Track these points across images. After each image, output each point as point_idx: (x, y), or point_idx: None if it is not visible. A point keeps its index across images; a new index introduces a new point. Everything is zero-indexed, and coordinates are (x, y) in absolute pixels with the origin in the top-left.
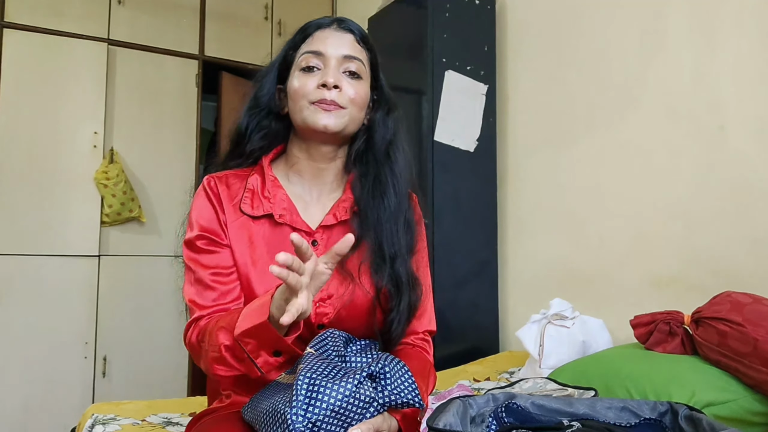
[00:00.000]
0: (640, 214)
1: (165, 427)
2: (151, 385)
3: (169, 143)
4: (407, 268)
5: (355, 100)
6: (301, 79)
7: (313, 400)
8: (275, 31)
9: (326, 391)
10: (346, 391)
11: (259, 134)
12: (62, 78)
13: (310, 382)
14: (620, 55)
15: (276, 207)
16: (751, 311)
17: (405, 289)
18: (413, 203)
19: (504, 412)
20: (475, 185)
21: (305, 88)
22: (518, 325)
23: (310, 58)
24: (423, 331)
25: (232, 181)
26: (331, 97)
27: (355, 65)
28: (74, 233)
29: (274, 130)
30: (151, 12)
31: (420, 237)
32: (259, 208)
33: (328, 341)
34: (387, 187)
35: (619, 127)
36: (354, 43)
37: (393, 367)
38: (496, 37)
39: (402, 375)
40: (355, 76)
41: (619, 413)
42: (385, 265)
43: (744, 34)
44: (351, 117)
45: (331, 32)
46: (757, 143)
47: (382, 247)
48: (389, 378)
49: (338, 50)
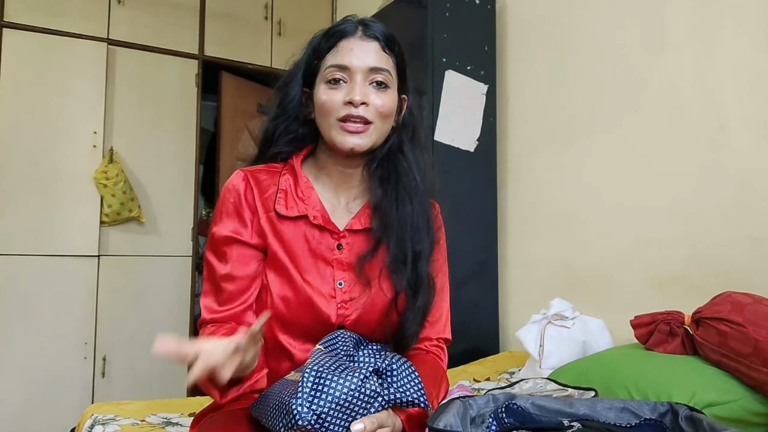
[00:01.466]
0: (640, 214)
1: (165, 427)
2: (150, 385)
3: (168, 143)
4: (425, 271)
5: (383, 111)
6: (328, 93)
7: (319, 392)
8: (275, 31)
9: (332, 384)
10: (351, 385)
11: (287, 138)
12: (62, 78)
13: (317, 375)
14: (621, 55)
15: (310, 208)
16: (751, 312)
17: (421, 292)
18: (435, 211)
19: (504, 412)
20: (476, 185)
21: (332, 103)
22: (518, 325)
23: (336, 72)
24: (437, 338)
25: (263, 177)
26: (358, 113)
27: (381, 76)
28: (74, 233)
29: (301, 135)
30: (151, 12)
31: (439, 244)
32: (293, 208)
33: (338, 340)
34: (409, 187)
35: (620, 127)
36: (380, 52)
37: (400, 366)
38: (496, 36)
39: (409, 374)
40: (382, 87)
41: (620, 414)
42: (405, 267)
43: (744, 33)
44: (378, 132)
45: (356, 42)
46: (758, 143)
47: (403, 248)
48: (396, 376)
49: (364, 62)
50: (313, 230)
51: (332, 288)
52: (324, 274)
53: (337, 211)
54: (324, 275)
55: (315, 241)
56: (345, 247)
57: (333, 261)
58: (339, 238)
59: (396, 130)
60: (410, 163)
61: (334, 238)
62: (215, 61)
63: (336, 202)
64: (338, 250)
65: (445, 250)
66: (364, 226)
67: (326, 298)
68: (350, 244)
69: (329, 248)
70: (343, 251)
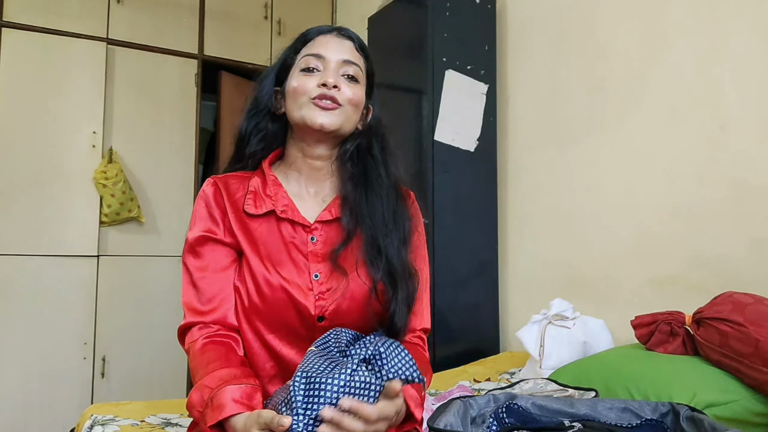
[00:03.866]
0: (641, 213)
1: (164, 427)
2: (150, 385)
3: (168, 143)
4: (402, 259)
5: (353, 100)
6: (301, 78)
7: (313, 398)
8: (275, 31)
9: (323, 386)
10: (341, 382)
11: (258, 136)
12: (61, 77)
13: (307, 381)
14: (621, 55)
15: (278, 204)
16: (752, 312)
17: (400, 280)
18: (409, 199)
19: (505, 412)
20: (476, 185)
21: (305, 86)
22: (519, 325)
23: (311, 59)
24: (420, 329)
25: (232, 181)
26: (330, 94)
27: (353, 69)
28: (73, 233)
29: (271, 132)
30: (150, 11)
31: (417, 231)
32: (261, 206)
33: (331, 339)
34: (377, 182)
35: (620, 127)
36: (353, 50)
37: (387, 347)
38: (496, 36)
39: (399, 353)
40: (352, 80)
41: (621, 414)
42: (380, 257)
43: (745, 33)
44: (347, 116)
45: (332, 38)
46: (759, 143)
47: (375, 240)
48: (385, 358)
49: (338, 54)
50: (285, 225)
51: (309, 280)
52: (299, 267)
53: (308, 204)
54: (300, 268)
55: (288, 236)
56: (318, 239)
57: (308, 254)
58: (311, 231)
59: (363, 134)
60: (378, 162)
61: (306, 231)
62: (215, 61)
63: (306, 195)
64: (312, 242)
65: (423, 236)
66: (335, 216)
67: (303, 290)
68: (323, 235)
69: (303, 242)
70: (317, 243)
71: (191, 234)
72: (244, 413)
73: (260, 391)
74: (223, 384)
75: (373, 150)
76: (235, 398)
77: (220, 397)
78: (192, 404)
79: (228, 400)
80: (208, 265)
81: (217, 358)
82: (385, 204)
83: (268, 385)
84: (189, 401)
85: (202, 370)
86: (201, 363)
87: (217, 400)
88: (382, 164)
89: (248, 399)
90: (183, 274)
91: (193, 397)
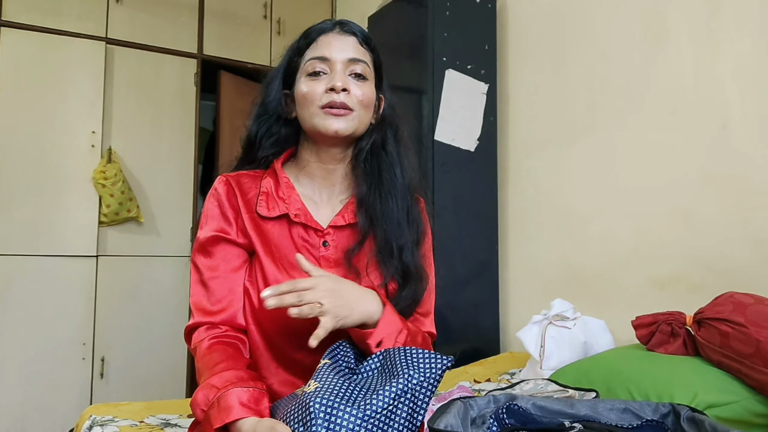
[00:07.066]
0: (641, 214)
1: (163, 428)
2: (149, 386)
3: (167, 143)
4: (414, 260)
5: (363, 101)
6: (309, 84)
7: (332, 424)
8: (274, 30)
9: (343, 415)
10: (361, 414)
11: (270, 140)
12: (60, 77)
13: (327, 405)
14: (622, 54)
15: (291, 207)
16: (753, 312)
17: (412, 280)
18: (420, 205)
19: (505, 413)
20: (476, 185)
21: (313, 93)
22: (519, 325)
23: (316, 63)
24: (425, 332)
25: (244, 180)
26: (340, 99)
27: (360, 67)
28: (72, 233)
29: (284, 136)
30: (150, 10)
31: (426, 237)
32: (274, 209)
33: (339, 352)
34: (392, 183)
35: (621, 127)
36: (358, 46)
37: (402, 357)
38: (496, 35)
39: (417, 355)
40: (361, 78)
41: (621, 414)
42: (392, 258)
43: (746, 32)
44: (360, 119)
45: (335, 36)
46: (760, 142)
47: (389, 241)
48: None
49: (343, 53)
50: (297, 229)
51: None
52: None
53: (320, 208)
54: None
55: (301, 240)
56: (331, 244)
57: (320, 258)
58: (324, 236)
59: (377, 127)
60: (393, 159)
61: (319, 236)
62: (214, 61)
63: (318, 200)
64: (324, 247)
65: (431, 243)
66: (348, 222)
67: None
68: (336, 240)
69: (315, 246)
70: (329, 248)
71: (202, 233)
72: (251, 418)
73: (267, 396)
74: (230, 385)
75: (388, 146)
76: (243, 401)
77: (227, 399)
78: (196, 403)
79: (235, 402)
80: (219, 265)
81: (224, 359)
82: (399, 204)
83: (273, 386)
84: (193, 400)
85: (208, 370)
86: (207, 363)
87: (224, 401)
88: (397, 162)
89: (255, 403)
90: (192, 273)
91: (197, 395)
